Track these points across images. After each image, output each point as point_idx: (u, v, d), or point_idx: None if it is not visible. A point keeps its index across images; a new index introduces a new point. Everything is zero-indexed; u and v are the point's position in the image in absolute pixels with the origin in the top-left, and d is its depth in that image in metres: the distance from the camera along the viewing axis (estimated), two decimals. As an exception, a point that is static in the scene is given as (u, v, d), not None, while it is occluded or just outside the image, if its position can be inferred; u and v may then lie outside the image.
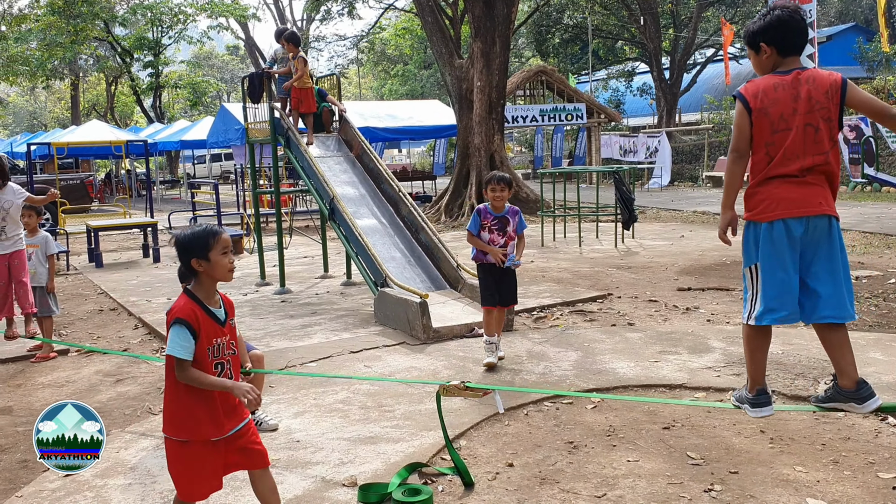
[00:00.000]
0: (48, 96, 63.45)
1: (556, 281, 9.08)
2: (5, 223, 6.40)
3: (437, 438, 4.28)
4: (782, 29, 3.42)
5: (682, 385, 5.16)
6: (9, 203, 6.40)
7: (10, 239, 6.41)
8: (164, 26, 37.21)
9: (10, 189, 6.48)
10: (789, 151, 3.36)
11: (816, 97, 3.37)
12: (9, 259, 6.38)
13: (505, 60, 17.29)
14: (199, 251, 3.09)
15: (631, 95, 36.67)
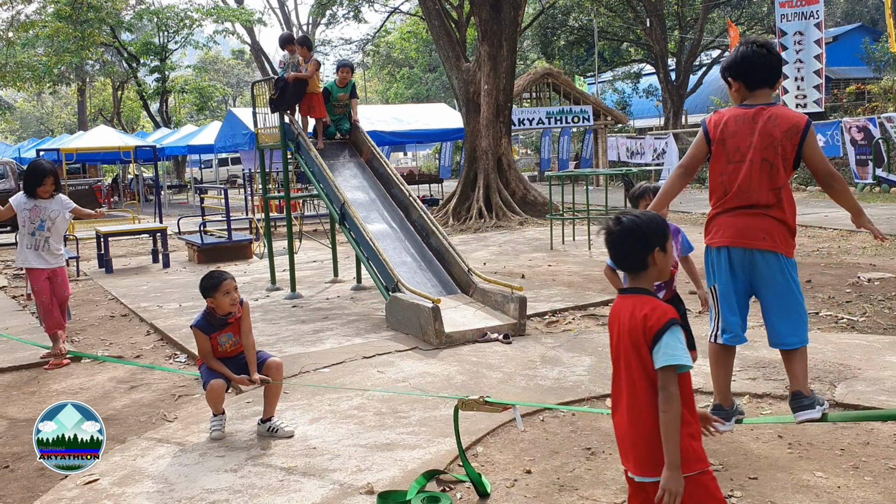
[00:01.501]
0: (55, 102, 63.68)
1: (566, 284, 9.06)
2: (49, 234, 6.31)
3: (453, 445, 4.25)
4: (745, 64, 3.55)
5: (698, 390, 5.12)
6: (56, 213, 6.32)
7: (53, 254, 6.35)
8: (171, 31, 37.31)
9: (59, 200, 6.40)
10: (743, 185, 3.51)
11: (774, 134, 3.48)
12: (50, 273, 6.33)
13: (512, 63, 17.29)
14: None
15: (637, 97, 36.65)
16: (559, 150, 27.73)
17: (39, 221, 6.28)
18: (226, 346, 4.58)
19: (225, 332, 4.56)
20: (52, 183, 6.32)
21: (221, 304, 4.48)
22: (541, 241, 13.24)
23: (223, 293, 4.46)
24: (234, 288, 4.51)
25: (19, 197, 6.31)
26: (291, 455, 4.26)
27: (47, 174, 6.27)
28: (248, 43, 40.19)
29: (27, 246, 6.34)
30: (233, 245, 12.83)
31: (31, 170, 6.36)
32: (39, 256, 6.28)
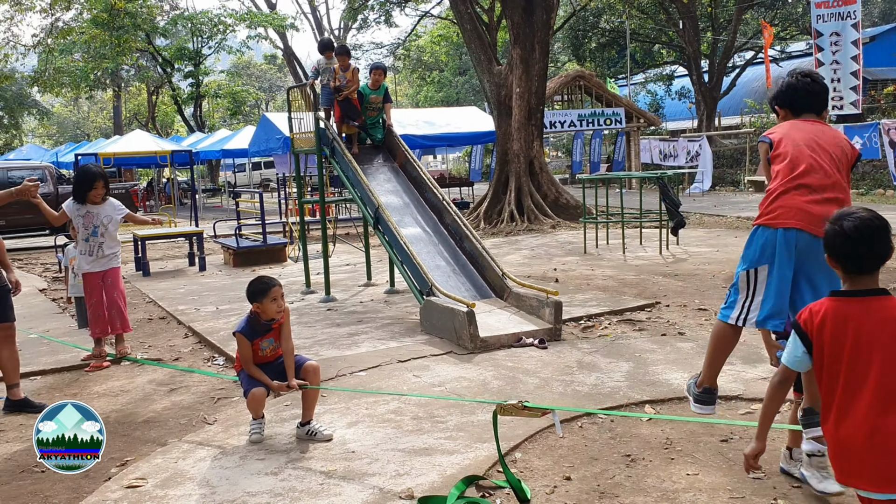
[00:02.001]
0: (91, 106, 64.71)
1: (601, 289, 9.01)
2: (103, 239, 6.38)
3: (492, 451, 4.26)
4: (790, 92, 3.71)
5: (738, 396, 5.08)
6: (108, 218, 6.39)
7: (107, 256, 6.41)
8: (204, 36, 37.76)
9: (111, 204, 6.47)
10: (819, 168, 3.46)
11: (840, 141, 3.58)
12: (103, 276, 6.38)
13: (544, 66, 17.25)
14: None
15: (670, 99, 36.35)
16: (591, 152, 27.58)
17: (93, 227, 6.36)
18: (266, 351, 4.62)
19: (267, 338, 4.60)
20: (102, 186, 6.38)
21: (268, 309, 4.51)
22: (574, 244, 13.18)
23: (271, 299, 4.49)
24: (281, 295, 4.55)
25: (71, 203, 6.39)
26: (330, 459, 4.28)
27: (97, 178, 6.34)
28: (281, 48, 40.51)
29: (81, 252, 6.44)
30: (267, 248, 12.94)
31: (81, 175, 6.44)
32: (93, 261, 6.37)
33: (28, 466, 4.50)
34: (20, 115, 46.58)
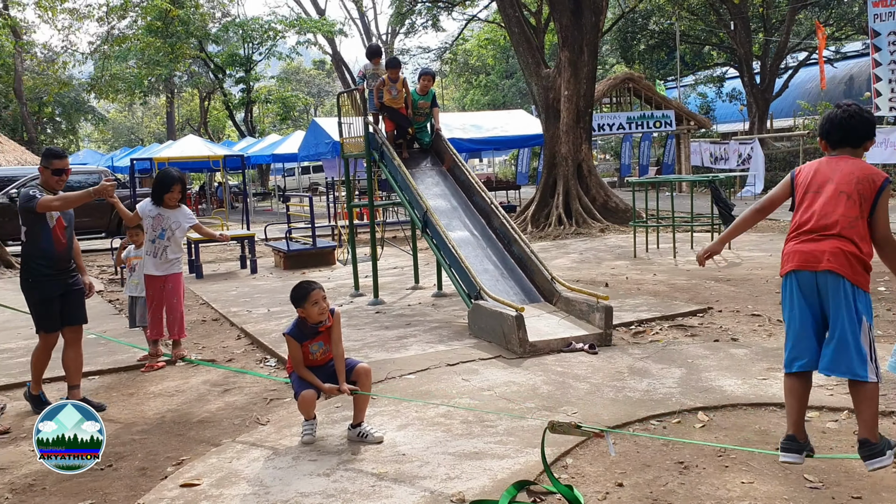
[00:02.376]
0: (145, 112, 66.17)
1: (652, 294, 8.91)
2: (168, 243, 6.44)
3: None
4: (827, 125, 3.75)
5: (823, 406, 4.95)
6: (177, 224, 6.44)
7: (170, 261, 6.45)
8: (255, 43, 38.34)
9: (182, 211, 6.54)
10: (818, 212, 3.61)
11: (857, 175, 3.60)
12: (164, 281, 6.44)
13: (593, 69, 17.15)
14: None
15: (720, 101, 35.79)
16: (640, 155, 27.32)
17: (161, 230, 6.41)
18: (316, 354, 4.67)
19: (316, 341, 4.65)
20: (179, 190, 6.45)
21: (310, 313, 4.58)
22: (623, 248, 13.06)
23: (311, 303, 4.56)
24: (322, 298, 4.60)
25: (146, 204, 6.46)
26: (382, 461, 4.31)
27: (175, 181, 6.40)
28: (329, 53, 40.96)
29: (146, 252, 6.50)
30: (317, 252, 13.08)
31: (160, 178, 6.50)
32: (156, 264, 6.43)
33: (88, 464, 4.62)
34: (77, 121, 47.81)
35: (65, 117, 45.85)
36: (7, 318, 9.34)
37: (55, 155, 5.60)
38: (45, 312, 5.55)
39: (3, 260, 14.63)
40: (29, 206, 5.37)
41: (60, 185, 5.61)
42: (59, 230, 5.54)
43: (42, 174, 5.57)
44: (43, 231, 5.46)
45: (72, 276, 5.69)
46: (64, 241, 5.59)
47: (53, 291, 5.53)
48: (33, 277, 5.50)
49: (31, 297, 5.54)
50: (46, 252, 5.48)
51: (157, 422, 5.36)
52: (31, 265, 5.50)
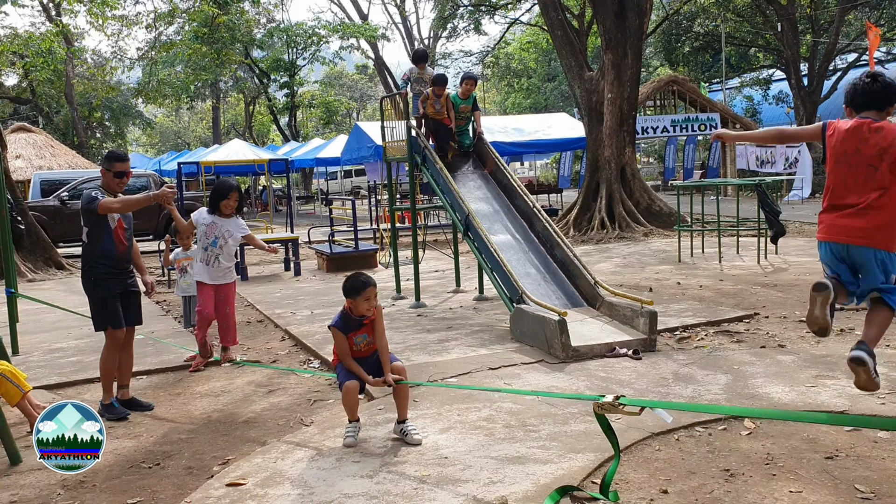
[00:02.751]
0: (191, 116, 67.30)
1: (697, 299, 8.80)
2: (220, 251, 6.53)
3: (585, 461, 4.22)
4: (851, 91, 4.15)
5: (844, 412, 4.87)
6: (229, 233, 6.54)
7: (222, 270, 6.56)
8: (299, 48, 38.77)
9: (236, 221, 6.64)
10: (847, 185, 4.04)
11: (881, 144, 3.94)
12: (216, 290, 6.56)
13: (637, 72, 17.01)
14: None
15: (767, 104, 35.21)
16: (684, 158, 27.00)
17: (213, 238, 6.51)
18: (361, 345, 4.75)
19: (360, 333, 4.72)
20: (235, 198, 6.57)
21: (359, 307, 4.66)
22: (667, 253, 12.92)
23: (364, 298, 4.64)
24: (374, 295, 4.69)
25: (202, 212, 6.58)
26: (424, 464, 4.31)
27: (232, 189, 6.54)
28: (372, 58, 41.24)
29: (199, 259, 6.61)
30: (359, 254, 13.17)
31: (218, 186, 6.63)
32: (208, 272, 6.52)
33: (136, 462, 4.71)
34: (126, 125, 48.79)
35: (113, 122, 46.79)
36: (58, 318, 9.57)
37: (117, 158, 5.71)
38: (110, 309, 5.62)
39: (55, 262, 15.00)
40: (90, 207, 5.48)
41: (121, 187, 5.71)
42: (120, 231, 5.64)
43: (104, 176, 5.68)
44: (104, 232, 5.56)
45: (130, 277, 5.80)
46: (125, 242, 5.69)
47: (115, 289, 5.62)
48: (95, 276, 5.60)
49: (95, 295, 5.63)
50: (108, 252, 5.58)
51: (203, 421, 5.45)
52: (93, 265, 5.60)
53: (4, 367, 5.10)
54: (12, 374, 5.05)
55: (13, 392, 5.02)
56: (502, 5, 37.03)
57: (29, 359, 7.50)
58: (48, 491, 4.31)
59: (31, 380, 5.87)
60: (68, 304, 9.42)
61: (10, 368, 5.09)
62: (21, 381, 5.09)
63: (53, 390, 6.38)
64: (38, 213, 16.43)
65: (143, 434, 5.24)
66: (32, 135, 27.04)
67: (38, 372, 6.90)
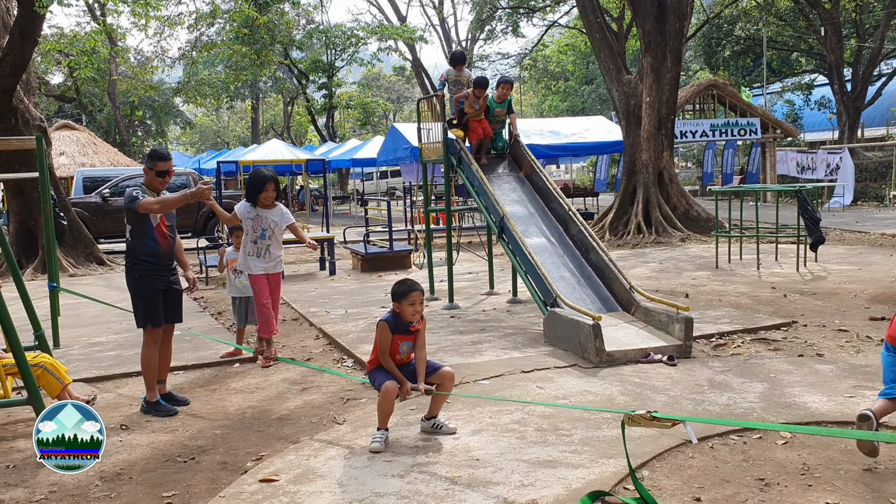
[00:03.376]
0: (230, 116, 68.12)
1: (734, 306, 8.69)
2: (270, 242, 6.53)
3: (618, 467, 4.19)
4: None
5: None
6: (275, 223, 6.53)
7: (274, 260, 6.57)
8: (338, 49, 39.04)
9: (279, 211, 6.62)
10: None
11: None
12: (268, 279, 6.59)
13: (676, 75, 16.86)
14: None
15: (809, 109, 34.64)
16: (723, 163, 26.65)
17: (261, 231, 6.51)
18: (404, 354, 4.79)
19: (405, 340, 4.77)
20: (273, 189, 6.51)
21: (405, 311, 4.70)
22: (705, 258, 12.78)
23: (409, 303, 4.69)
24: (419, 301, 4.73)
25: (244, 205, 6.55)
26: (455, 465, 4.32)
27: (268, 180, 6.47)
28: (410, 59, 41.38)
29: (249, 253, 6.57)
30: (394, 255, 13.23)
31: (252, 178, 6.56)
32: (262, 263, 6.54)
33: (172, 456, 4.78)
34: (166, 124, 49.55)
35: (154, 120, 47.55)
36: (98, 312, 9.75)
37: (160, 157, 5.75)
38: (152, 306, 5.66)
39: (96, 257, 15.27)
40: (131, 206, 5.54)
41: (163, 186, 5.76)
42: (163, 228, 5.68)
43: (146, 174, 5.73)
44: (147, 229, 5.61)
45: (173, 274, 5.84)
46: (168, 240, 5.73)
47: (158, 286, 5.67)
48: (139, 273, 5.64)
49: (138, 291, 5.68)
50: (151, 250, 5.62)
51: (238, 417, 5.51)
52: (137, 262, 5.64)
53: (46, 360, 5.21)
54: (53, 366, 5.16)
55: (54, 384, 5.14)
56: (541, 8, 36.92)
57: (69, 352, 7.65)
58: (86, 482, 4.40)
59: (71, 373, 5.99)
60: (108, 299, 9.60)
61: (51, 361, 5.21)
62: (62, 373, 5.20)
63: (93, 383, 6.50)
64: (80, 209, 16.76)
65: (178, 428, 5.32)
66: (76, 132, 27.59)
67: (78, 365, 7.03)
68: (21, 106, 13.88)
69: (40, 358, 5.34)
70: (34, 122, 14.02)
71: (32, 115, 14.20)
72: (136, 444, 5.01)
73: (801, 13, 29.67)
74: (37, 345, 6.18)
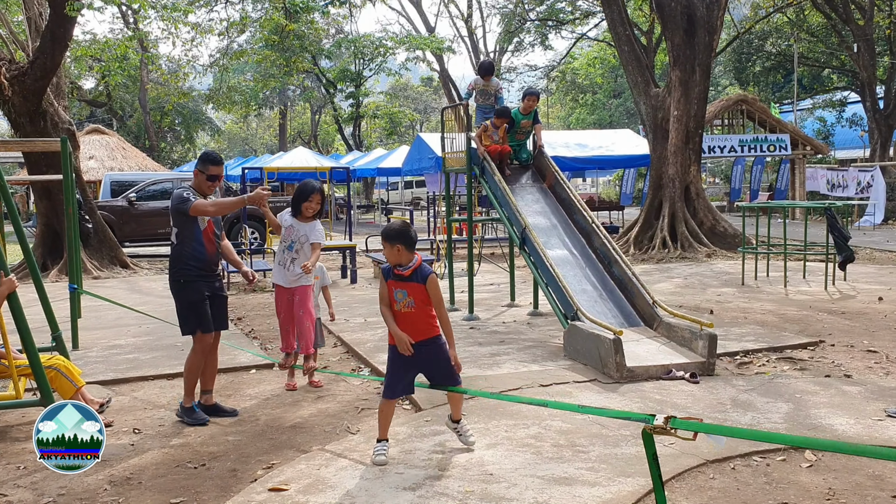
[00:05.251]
0: (259, 124, 68.65)
1: (759, 324, 8.51)
2: (297, 256, 6.17)
3: (636, 486, 4.08)
4: None
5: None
6: (305, 238, 6.19)
7: (297, 274, 6.18)
8: (366, 59, 39.21)
9: (314, 225, 6.25)
10: None
11: None
12: (292, 293, 6.23)
13: (704, 89, 16.67)
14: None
15: (840, 126, 34.19)
16: (751, 179, 26.35)
17: (290, 241, 6.23)
18: (401, 303, 4.56)
19: (400, 288, 4.57)
20: (318, 201, 6.18)
21: (389, 257, 4.67)
22: (730, 275, 12.58)
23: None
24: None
25: (286, 213, 6.29)
26: (469, 479, 4.23)
27: (315, 191, 6.17)
28: (437, 70, 41.46)
29: (278, 262, 6.30)
30: (415, 265, 13.14)
31: (301, 187, 6.26)
32: (283, 275, 6.24)
33: (183, 462, 4.73)
34: (195, 131, 50.05)
35: (184, 127, 48.07)
36: (119, 315, 9.77)
37: (213, 161, 5.61)
38: (201, 312, 5.47)
39: (120, 260, 15.36)
40: (182, 208, 5.36)
41: (212, 190, 5.62)
42: (210, 233, 5.52)
43: (196, 177, 5.59)
44: (195, 233, 5.44)
45: (218, 280, 5.68)
46: (214, 245, 5.57)
47: (204, 291, 5.50)
48: (185, 278, 5.46)
49: (183, 297, 5.48)
50: (198, 254, 5.46)
51: (250, 424, 5.45)
52: (183, 266, 5.46)
53: (60, 362, 5.19)
54: (67, 369, 5.14)
55: (67, 387, 5.11)
56: (569, 20, 36.85)
57: (88, 354, 7.65)
58: (95, 486, 4.36)
59: (87, 375, 5.98)
60: (129, 303, 9.62)
61: (65, 364, 5.19)
62: (75, 376, 5.17)
63: (108, 386, 6.48)
64: (106, 212, 16.87)
65: (191, 434, 5.27)
66: (105, 137, 27.92)
67: (96, 367, 7.03)
68: (51, 109, 14.02)
69: (54, 360, 5.32)
70: (63, 126, 14.15)
71: (62, 119, 14.34)
72: (148, 449, 4.97)
73: (834, 29, 29.34)
74: (54, 346, 6.17)
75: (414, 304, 4.56)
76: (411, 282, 4.56)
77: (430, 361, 4.63)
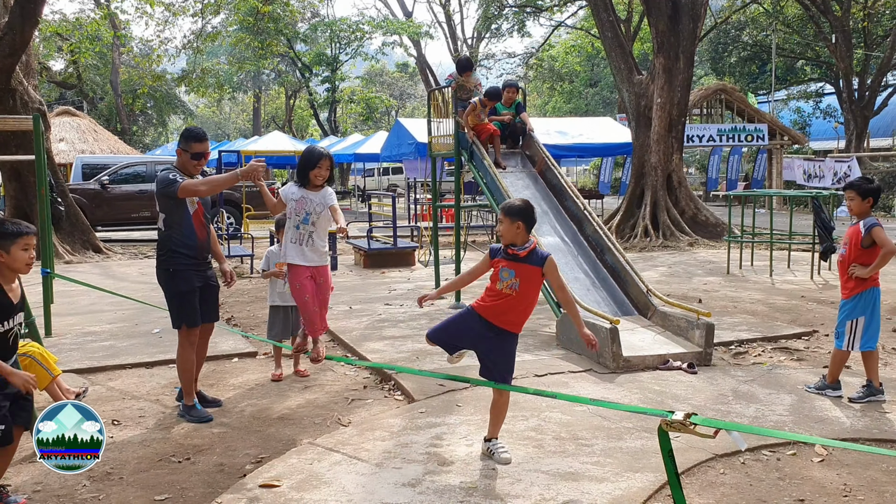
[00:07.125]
0: (232, 108, 67.75)
1: (750, 313, 8.40)
2: (314, 228, 5.27)
3: (645, 482, 3.91)
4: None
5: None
6: (321, 206, 5.27)
7: (318, 251, 5.36)
8: (342, 43, 38.73)
9: (325, 191, 5.37)
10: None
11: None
12: (313, 272, 5.33)
13: (688, 77, 16.57)
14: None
15: (815, 118, 34.40)
16: (728, 169, 26.37)
17: (305, 214, 5.35)
18: (504, 283, 4.31)
19: (507, 267, 4.35)
20: (327, 167, 5.34)
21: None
22: (714, 264, 12.50)
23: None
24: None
25: (290, 186, 5.46)
26: (470, 474, 4.03)
27: (323, 157, 5.33)
28: (414, 55, 41.10)
29: (291, 240, 5.38)
30: (397, 252, 12.93)
31: (306, 154, 5.44)
32: (302, 253, 5.34)
33: (166, 455, 4.48)
34: (168, 114, 49.18)
35: (156, 110, 47.19)
36: (93, 300, 9.45)
37: (196, 137, 5.17)
38: (189, 305, 5.11)
39: (93, 245, 14.96)
40: (169, 191, 4.96)
41: (198, 169, 5.22)
42: (200, 217, 5.15)
43: (179, 157, 5.17)
44: (184, 218, 5.06)
45: (209, 269, 5.32)
46: (205, 230, 5.20)
47: (195, 282, 5.14)
48: (174, 268, 5.09)
49: (173, 288, 5.12)
50: (188, 241, 5.08)
51: (236, 415, 5.22)
52: (172, 255, 5.08)
53: (35, 349, 4.91)
54: (43, 357, 4.85)
55: (43, 376, 4.82)
56: (548, 7, 36.63)
57: (61, 341, 7.34)
58: (73, 481, 4.10)
59: (61, 363, 5.68)
60: (104, 287, 9.29)
61: (40, 351, 4.90)
62: (51, 364, 4.89)
63: (84, 375, 6.20)
64: (78, 195, 16.42)
65: (173, 425, 5.02)
66: (76, 119, 27.25)
67: (70, 355, 6.73)
68: (20, 88, 13.56)
69: (29, 347, 5.02)
70: (33, 105, 13.69)
71: (31, 98, 13.87)
72: (128, 442, 4.72)
73: (812, 20, 29.42)
74: (26, 332, 5.87)
75: (518, 286, 4.26)
76: (525, 263, 4.27)
77: (493, 350, 4.30)
